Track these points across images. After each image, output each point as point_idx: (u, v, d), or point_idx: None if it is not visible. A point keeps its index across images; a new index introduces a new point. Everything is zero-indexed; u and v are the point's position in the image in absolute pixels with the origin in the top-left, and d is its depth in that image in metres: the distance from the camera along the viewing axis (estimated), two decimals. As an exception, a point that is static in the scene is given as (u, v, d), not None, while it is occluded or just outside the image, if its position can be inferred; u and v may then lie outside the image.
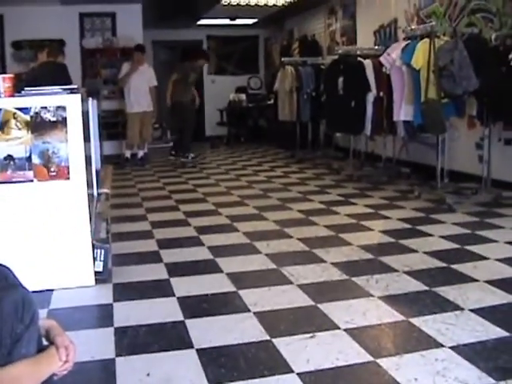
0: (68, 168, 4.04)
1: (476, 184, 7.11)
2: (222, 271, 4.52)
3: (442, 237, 5.36)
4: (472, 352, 3.09)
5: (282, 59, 11.82)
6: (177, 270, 4.58)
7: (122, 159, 10.91)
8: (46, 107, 3.95)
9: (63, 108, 3.98)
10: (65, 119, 3.99)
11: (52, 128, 3.97)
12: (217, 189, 8.16)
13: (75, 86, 4.44)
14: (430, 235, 5.43)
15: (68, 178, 4.06)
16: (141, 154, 11.10)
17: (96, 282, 4.25)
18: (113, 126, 11.49)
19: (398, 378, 2.84)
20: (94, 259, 4.29)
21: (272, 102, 12.80)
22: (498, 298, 3.87)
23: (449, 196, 6.76)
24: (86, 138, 4.45)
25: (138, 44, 10.91)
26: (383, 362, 2.99)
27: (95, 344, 3.33)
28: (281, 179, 8.77)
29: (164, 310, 3.76)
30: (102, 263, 4.33)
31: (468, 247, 5.02)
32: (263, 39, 16.16)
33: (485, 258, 4.72)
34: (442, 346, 3.17)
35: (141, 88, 10.66)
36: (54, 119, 3.96)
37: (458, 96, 6.60)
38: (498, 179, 7.14)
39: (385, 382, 2.83)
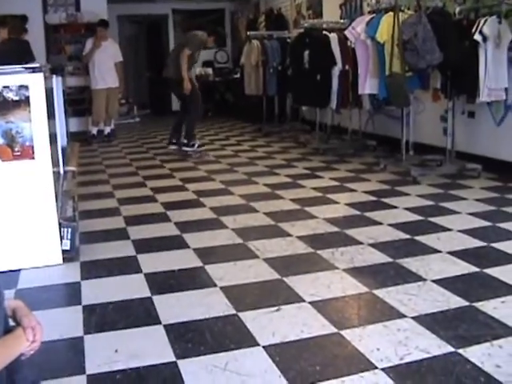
0: (32, 147, 4.02)
1: (441, 156, 7.19)
2: (188, 247, 4.56)
3: (407, 209, 5.45)
4: (433, 321, 3.18)
5: (248, 33, 11.77)
6: (144, 246, 4.60)
7: (88, 136, 10.83)
8: (8, 86, 3.92)
9: (26, 87, 3.96)
10: (28, 98, 3.96)
11: (15, 107, 3.94)
12: (183, 164, 8.16)
13: (38, 65, 4.39)
14: (395, 207, 5.52)
15: (33, 158, 4.05)
16: (107, 130, 11.04)
17: (63, 261, 4.26)
18: (78, 102, 11.39)
19: (360, 348, 2.91)
20: (61, 238, 4.29)
21: (239, 76, 12.77)
22: (460, 268, 3.96)
23: (414, 168, 6.84)
24: (51, 116, 4.44)
25: (100, 19, 10.77)
26: (347, 334, 3.06)
27: (63, 323, 3.35)
28: (247, 153, 8.79)
29: (131, 287, 3.79)
30: (69, 242, 4.34)
31: (432, 219, 5.11)
32: (229, 13, 16.07)
33: (448, 230, 4.81)
34: (404, 316, 3.25)
35: (105, 64, 10.56)
36: (16, 98, 3.94)
37: (422, 69, 6.65)
38: (462, 151, 7.23)
39: (348, 352, 2.90)
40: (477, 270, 3.93)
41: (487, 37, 6.26)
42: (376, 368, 2.73)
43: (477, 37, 6.26)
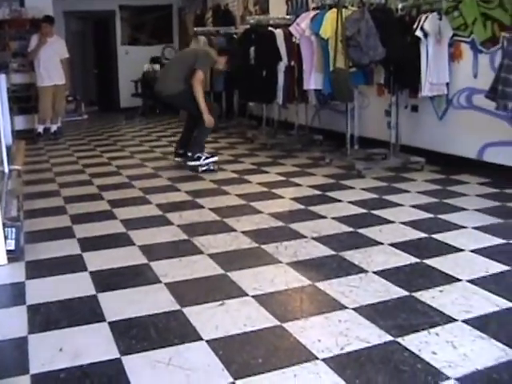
0: (-26, 146, 3.99)
1: (385, 150, 7.30)
2: (134, 244, 4.56)
3: (351, 202, 5.53)
4: (373, 312, 3.26)
5: (195, 29, 11.75)
6: (89, 244, 4.59)
7: (34, 134, 10.68)
8: None
9: (-33, 85, 3.92)
10: (-32, 96, 3.92)
11: (-44, 106, 3.91)
12: (131, 161, 8.12)
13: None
14: (339, 201, 5.60)
15: (-25, 157, 4.01)
16: (54, 128, 10.88)
17: (8, 261, 4.21)
18: (24, 100, 11.22)
19: (302, 340, 2.97)
20: (5, 238, 4.25)
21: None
22: (401, 259, 4.06)
23: (358, 162, 6.95)
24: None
25: (45, 15, 10.61)
26: (289, 326, 3.12)
27: (7, 323, 3.34)
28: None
29: (76, 286, 3.78)
30: (13, 241, 4.30)
31: (375, 212, 5.21)
32: (177, 8, 16.00)
33: (390, 222, 4.91)
34: (346, 307, 3.32)
35: (51, 61, 10.41)
36: (-44, 97, 3.90)
37: (365, 65, 6.74)
38: (406, 145, 7.36)
39: (290, 344, 2.96)
40: (417, 260, 4.03)
41: (428, 33, 6.40)
42: (317, 359, 2.79)
43: (418, 33, 6.39)
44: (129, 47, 15.37)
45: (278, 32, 8.47)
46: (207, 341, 3.00)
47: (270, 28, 8.74)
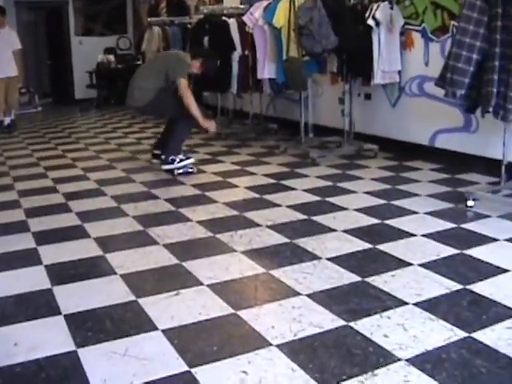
0: None
1: (339, 138, 7.37)
2: (89, 236, 4.54)
3: (305, 190, 5.58)
4: (326, 298, 3.31)
5: (149, 19, 11.68)
6: (44, 238, 4.55)
7: (-13, 127, 10.54)
8: None
9: None
10: None
11: None
12: (86, 153, 8.06)
13: None
14: (294, 189, 5.65)
15: None
16: (7, 121, 10.72)
17: (-39, 257, 4.18)
18: (-24, 93, 11.04)
19: (256, 327, 3.01)
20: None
21: (141, 62, 12.65)
22: (354, 245, 4.13)
23: (313, 150, 7.00)
24: None
25: (-4, 6, 10.47)
26: (243, 314, 3.16)
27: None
28: (150, 140, 8.70)
29: (31, 279, 3.76)
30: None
31: (329, 199, 5.26)
32: (131, -2, 15.88)
33: (344, 209, 4.97)
34: (299, 294, 3.37)
35: (3, 52, 10.22)
36: None
37: (318, 54, 6.77)
38: (360, 132, 7.44)
39: (244, 332, 2.99)
40: (370, 246, 4.10)
41: (380, 22, 6.47)
42: (271, 345, 2.82)
43: (370, 22, 6.46)
44: (83, 38, 15.17)
45: (232, 22, 8.46)
46: (163, 330, 3.01)
47: (223, 18, 8.72)
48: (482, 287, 3.40)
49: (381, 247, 4.07)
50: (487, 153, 5.92)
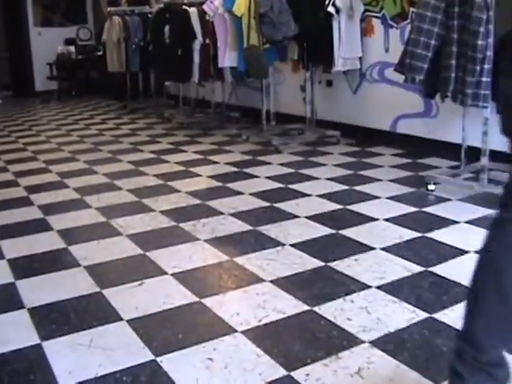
0: None
1: (302, 125, 7.40)
2: (52, 229, 4.50)
3: (268, 177, 5.60)
4: (290, 284, 3.33)
5: (109, 9, 11.57)
6: (6, 232, 4.50)
7: None
8: None
9: None
10: None
11: None
12: (47, 146, 7.97)
13: None
14: (257, 177, 5.66)
15: None
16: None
17: None
18: None
19: (221, 314, 3.02)
20: None
21: (102, 53, 12.55)
22: (317, 231, 4.15)
23: (275, 138, 7.02)
24: None
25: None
26: (208, 301, 3.16)
27: None
28: (112, 131, 8.69)
29: (-7, 274, 3.72)
30: None
31: (292, 186, 5.29)
32: (90, -13, 15.70)
33: (307, 195, 5.00)
34: (263, 280, 3.38)
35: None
36: None
37: (279, 41, 6.79)
38: (322, 119, 7.48)
39: (209, 319, 3.00)
40: (333, 231, 4.13)
41: (340, 9, 6.49)
42: (236, 331, 2.84)
43: (330, 9, 6.47)
44: (42, 29, 14.97)
45: (192, 10, 8.43)
46: (127, 321, 3.01)
47: (184, 7, 8.68)
48: (443, 269, 3.45)
49: (343, 232, 4.10)
50: (447, 137, 6.00)
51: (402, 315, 2.92)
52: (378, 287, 3.24)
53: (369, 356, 2.58)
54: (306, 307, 3.05)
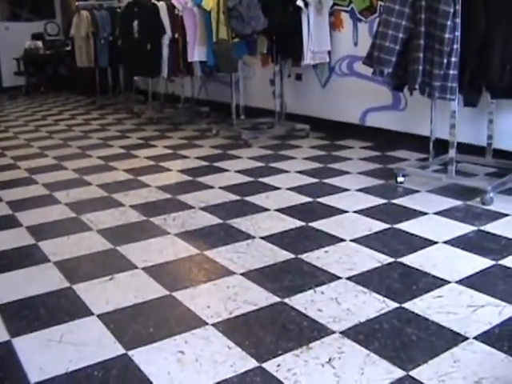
0: None
1: (271, 119, 7.42)
2: (21, 225, 4.46)
3: (238, 171, 5.61)
4: (261, 276, 3.35)
5: (77, 3, 11.47)
6: (-26, 229, 4.47)
7: None
8: None
9: None
10: None
11: None
12: (15, 142, 7.88)
13: None
14: (227, 171, 5.67)
15: None
16: None
17: None
18: None
19: (192, 307, 3.02)
20: None
21: (70, 48, 12.45)
22: (287, 224, 4.17)
23: (245, 132, 7.03)
24: None
25: None
26: (179, 295, 3.16)
27: None
28: (81, 127, 8.64)
29: (-39, 270, 3.69)
30: None
31: (261, 179, 5.30)
32: (57, -18, 15.55)
33: (277, 188, 5.01)
34: (234, 273, 3.39)
35: None
36: None
37: (248, 35, 6.78)
38: (291, 113, 7.50)
39: (180, 312, 3.00)
40: (302, 224, 4.15)
41: (308, 2, 6.52)
42: (207, 324, 2.84)
43: (299, 2, 6.49)
44: (9, 23, 14.79)
45: (161, 4, 8.38)
46: (98, 315, 3.00)
47: (152, 1, 8.64)
48: (412, 259, 3.48)
49: (313, 224, 4.12)
50: (416, 130, 6.04)
51: (372, 305, 2.95)
52: (348, 278, 3.27)
53: (339, 346, 2.60)
54: (277, 299, 3.06)
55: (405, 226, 4.04)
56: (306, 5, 6.52)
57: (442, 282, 3.18)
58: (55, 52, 14.00)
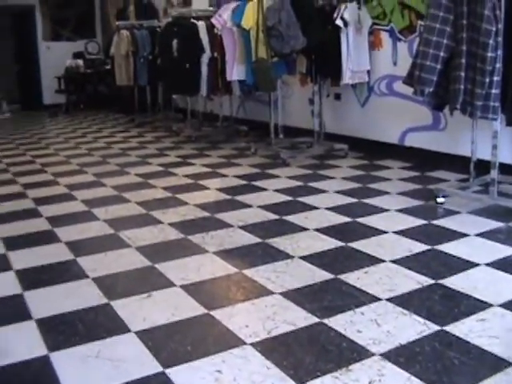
0: None
1: (310, 138, 7.40)
2: (60, 241, 4.49)
3: (276, 190, 5.59)
4: (300, 296, 3.31)
5: (117, 23, 11.63)
6: (15, 243, 4.49)
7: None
8: None
9: None
10: None
11: None
12: (56, 158, 7.99)
13: None
14: (265, 190, 5.66)
15: None
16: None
17: None
18: None
19: (230, 326, 3.00)
20: None
21: (110, 67, 12.59)
22: (326, 244, 4.13)
23: (283, 151, 7.02)
24: None
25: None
26: (217, 314, 3.14)
27: None
28: (120, 144, 8.72)
29: (1, 285, 3.70)
30: None
31: (300, 199, 5.28)
32: (99, 2, 15.76)
33: (315, 208, 4.98)
34: (272, 292, 3.37)
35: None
36: None
37: (287, 54, 6.79)
38: (330, 132, 7.48)
39: (218, 331, 2.98)
40: (342, 244, 4.11)
41: (348, 22, 6.51)
42: (245, 344, 2.82)
43: (338, 22, 6.49)
44: (51, 43, 15.03)
45: (201, 24, 8.46)
46: (135, 332, 2.99)
47: (192, 20, 8.71)
48: (453, 281, 3.42)
49: (353, 245, 4.08)
50: (456, 150, 5.98)
51: (413, 328, 2.90)
52: (388, 299, 3.22)
53: (379, 368, 2.56)
54: (316, 319, 3.02)
55: (445, 247, 3.98)
56: (346, 24, 6.51)
57: (484, 305, 3.12)
58: (95, 71, 14.19)
